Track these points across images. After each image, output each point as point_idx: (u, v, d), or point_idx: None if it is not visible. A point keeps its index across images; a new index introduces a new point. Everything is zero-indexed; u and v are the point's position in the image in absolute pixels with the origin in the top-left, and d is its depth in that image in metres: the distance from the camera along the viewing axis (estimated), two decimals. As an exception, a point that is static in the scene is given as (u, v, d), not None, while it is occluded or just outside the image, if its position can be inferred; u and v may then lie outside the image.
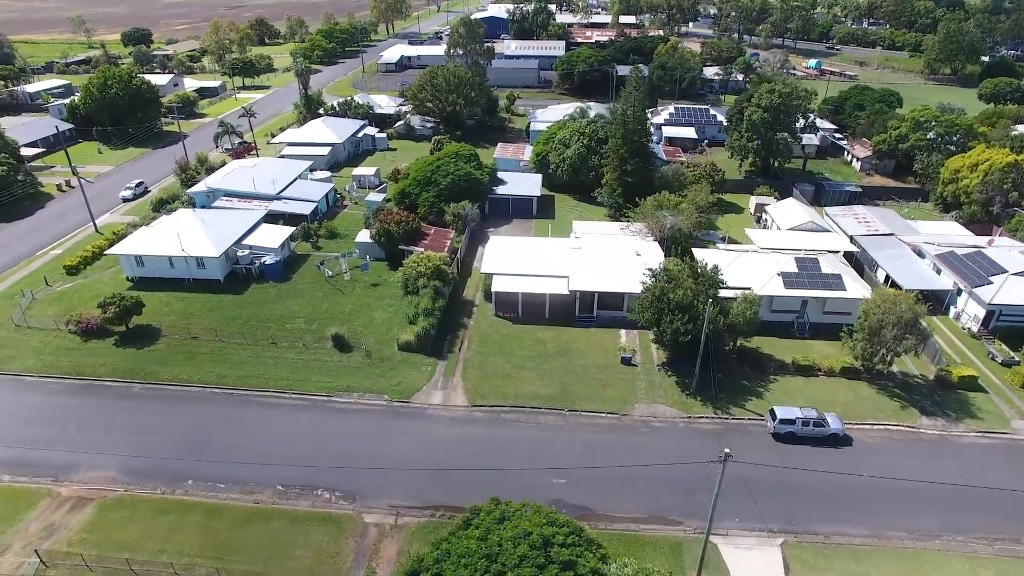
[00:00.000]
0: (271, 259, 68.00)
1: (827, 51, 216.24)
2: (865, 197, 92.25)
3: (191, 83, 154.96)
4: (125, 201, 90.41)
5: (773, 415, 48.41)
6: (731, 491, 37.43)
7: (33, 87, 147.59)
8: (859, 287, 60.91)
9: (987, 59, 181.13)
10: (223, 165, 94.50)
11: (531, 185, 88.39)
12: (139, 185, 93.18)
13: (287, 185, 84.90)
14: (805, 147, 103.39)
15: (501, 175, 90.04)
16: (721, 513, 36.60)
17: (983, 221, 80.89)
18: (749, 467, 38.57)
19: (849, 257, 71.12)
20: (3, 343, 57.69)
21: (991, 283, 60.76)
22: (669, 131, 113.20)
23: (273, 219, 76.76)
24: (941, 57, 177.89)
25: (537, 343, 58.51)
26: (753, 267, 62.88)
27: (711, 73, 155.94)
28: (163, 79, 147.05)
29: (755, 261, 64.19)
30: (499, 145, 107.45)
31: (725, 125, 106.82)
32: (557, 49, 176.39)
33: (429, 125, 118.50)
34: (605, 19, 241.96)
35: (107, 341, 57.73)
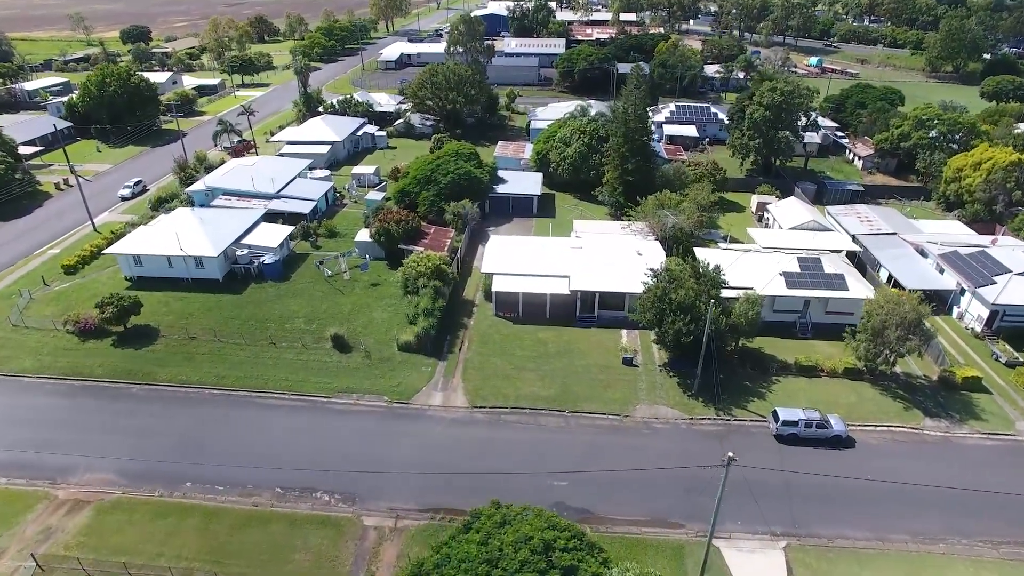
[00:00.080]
0: (270, 258, 67.61)
1: (824, 48, 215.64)
2: (867, 196, 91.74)
3: (190, 81, 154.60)
4: (123, 200, 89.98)
5: (776, 417, 48.04)
6: (734, 493, 37.05)
7: (31, 85, 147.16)
8: (862, 287, 60.52)
9: (989, 57, 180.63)
10: (222, 164, 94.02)
11: (531, 184, 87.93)
12: (138, 184, 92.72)
13: (286, 184, 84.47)
14: (807, 146, 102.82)
15: (501, 174, 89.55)
16: (723, 516, 36.25)
17: (986, 220, 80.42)
18: (752, 469, 38.22)
19: (851, 257, 70.77)
20: (0, 343, 57.31)
21: (995, 283, 60.33)
22: (670, 129, 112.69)
23: (272, 218, 76.39)
24: (943, 55, 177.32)
25: (538, 343, 58.16)
26: (755, 267, 62.46)
27: (712, 71, 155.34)
28: (162, 77, 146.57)
29: (757, 261, 63.77)
30: (499, 143, 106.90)
31: (726, 123, 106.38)
32: (557, 47, 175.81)
33: (429, 123, 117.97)
34: (605, 16, 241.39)
35: (105, 341, 57.36)
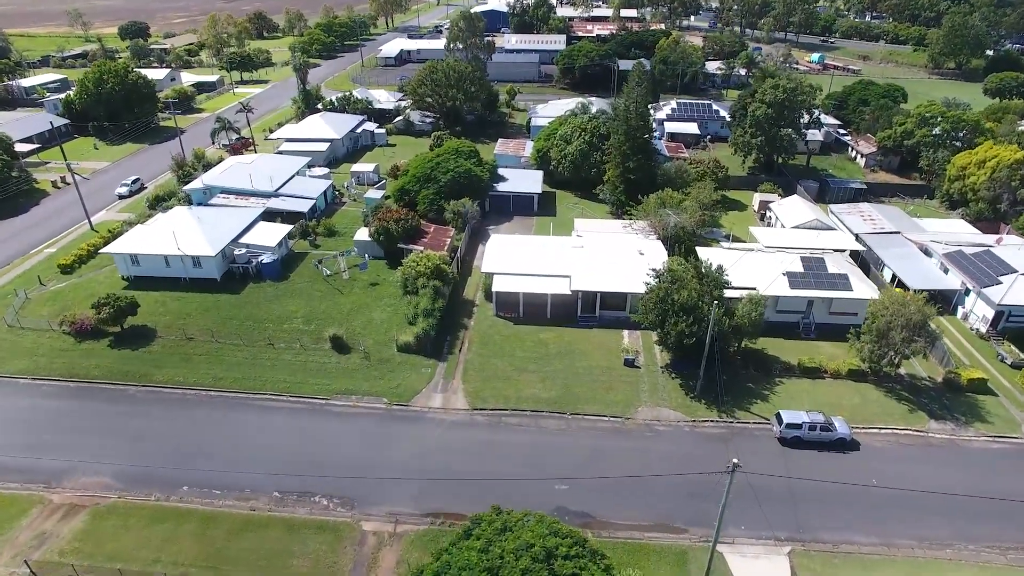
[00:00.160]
0: (268, 258, 66.96)
1: (822, 44, 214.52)
2: (870, 194, 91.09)
3: (188, 77, 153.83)
4: (121, 198, 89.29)
5: (779, 419, 47.48)
6: (737, 498, 36.55)
7: (28, 81, 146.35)
8: (866, 287, 59.90)
9: (992, 53, 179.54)
10: (220, 161, 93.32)
11: (532, 182, 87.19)
12: (135, 182, 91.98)
13: (285, 182, 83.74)
14: (809, 143, 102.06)
15: (502, 171, 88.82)
16: (727, 520, 35.65)
17: (990, 219, 79.78)
18: (756, 473, 37.67)
19: (855, 256, 70.14)
20: (-4, 344, 56.81)
21: (1000, 283, 59.71)
22: (671, 127, 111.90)
23: (270, 216, 75.74)
24: (946, 51, 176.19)
25: (539, 344, 57.56)
26: (758, 266, 61.82)
27: (713, 67, 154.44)
28: (160, 73, 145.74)
29: (760, 260, 63.10)
30: (499, 141, 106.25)
31: (728, 121, 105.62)
32: (558, 43, 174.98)
33: (429, 120, 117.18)
34: (606, 13, 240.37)
35: (102, 342, 56.75)
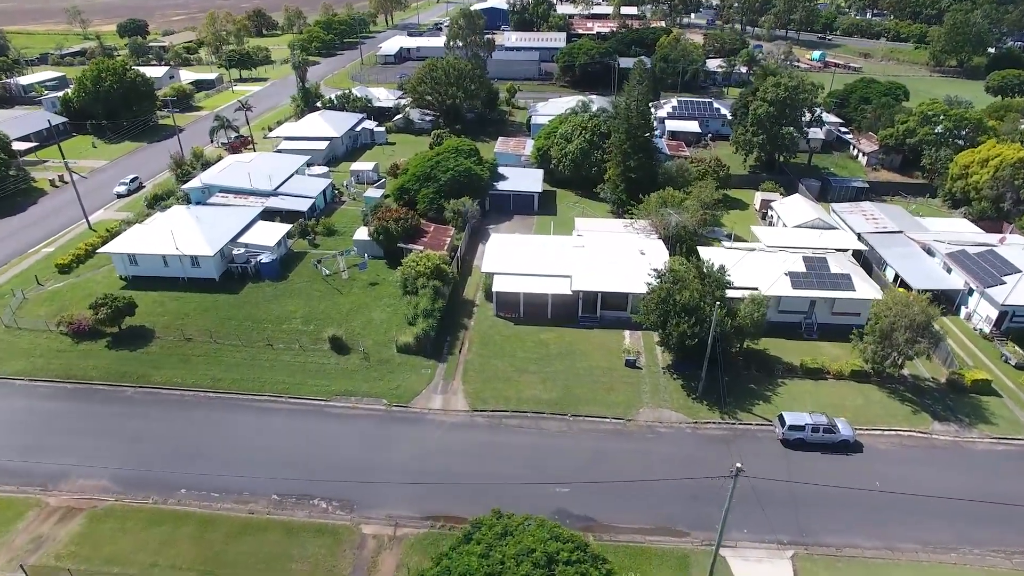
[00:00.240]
0: (267, 257, 66.53)
1: (823, 41, 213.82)
2: (872, 193, 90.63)
3: (187, 75, 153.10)
4: (119, 197, 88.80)
5: (782, 421, 47.14)
6: (740, 501, 36.05)
7: (26, 79, 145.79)
8: (869, 287, 59.50)
9: (994, 51, 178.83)
10: (219, 160, 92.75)
11: (532, 181, 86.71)
12: (133, 180, 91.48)
13: (284, 181, 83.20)
14: (810, 141, 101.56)
15: (502, 170, 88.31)
16: (729, 524, 35.28)
17: (993, 218, 79.33)
18: (758, 478, 37.33)
19: (857, 256, 69.71)
20: (-7, 345, 56.40)
21: (1004, 283, 59.30)
22: (672, 125, 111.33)
23: (269, 216, 75.32)
24: (947, 49, 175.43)
25: (539, 345, 57.18)
26: (760, 266, 61.43)
27: (714, 65, 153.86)
28: (159, 71, 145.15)
29: (762, 260, 62.68)
30: (499, 139, 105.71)
31: (729, 119, 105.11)
32: (558, 41, 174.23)
33: (428, 119, 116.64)
34: (606, 10, 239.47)
35: (99, 343, 56.35)
